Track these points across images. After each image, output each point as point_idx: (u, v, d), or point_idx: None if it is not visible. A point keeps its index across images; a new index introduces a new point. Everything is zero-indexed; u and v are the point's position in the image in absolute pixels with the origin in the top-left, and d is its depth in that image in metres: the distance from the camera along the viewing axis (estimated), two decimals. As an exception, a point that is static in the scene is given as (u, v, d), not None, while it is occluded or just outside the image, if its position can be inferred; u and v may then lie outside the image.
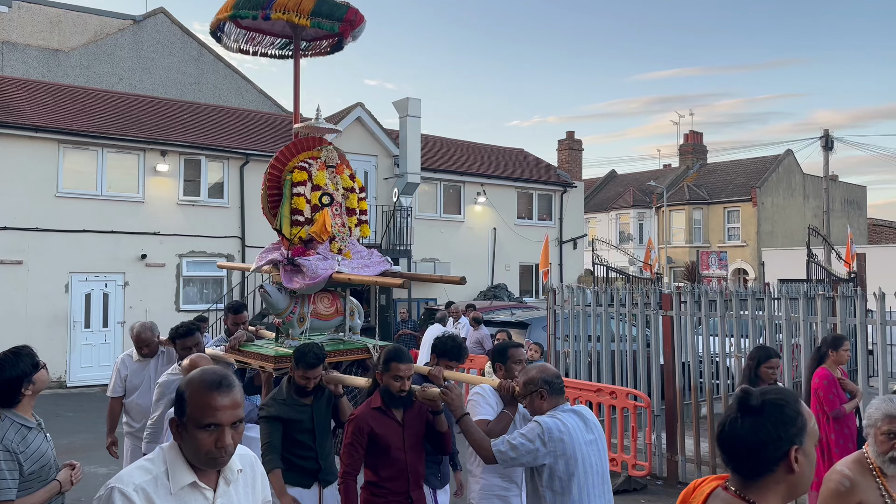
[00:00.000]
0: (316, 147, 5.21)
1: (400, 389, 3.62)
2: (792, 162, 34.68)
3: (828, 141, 26.03)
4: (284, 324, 4.83)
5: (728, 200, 33.26)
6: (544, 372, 3.45)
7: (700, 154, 38.90)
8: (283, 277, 4.81)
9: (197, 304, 16.32)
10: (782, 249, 28.82)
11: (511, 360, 4.05)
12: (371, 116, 18.61)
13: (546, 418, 3.28)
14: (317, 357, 4.06)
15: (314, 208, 4.96)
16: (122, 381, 5.29)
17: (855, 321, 6.57)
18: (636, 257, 31.52)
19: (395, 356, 3.69)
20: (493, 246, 21.36)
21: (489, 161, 23.01)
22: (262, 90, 25.27)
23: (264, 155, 17.00)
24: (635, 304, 8.39)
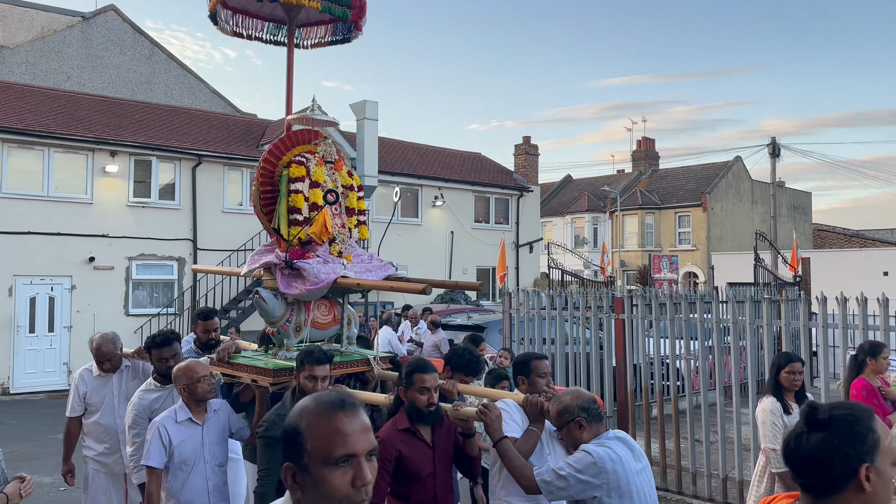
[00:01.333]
0: (313, 141, 4.76)
1: (428, 403, 3.29)
2: (741, 168, 35.66)
3: (775, 148, 26.85)
4: (279, 333, 4.36)
5: (679, 206, 34.02)
6: (579, 398, 3.14)
7: (652, 160, 39.71)
8: (281, 282, 4.34)
9: (147, 309, 15.97)
10: (731, 253, 29.60)
11: (535, 374, 3.73)
12: (328, 119, 18.48)
13: (596, 447, 2.99)
14: (323, 353, 3.70)
15: (312, 207, 4.50)
16: (81, 399, 4.82)
17: (799, 324, 6.79)
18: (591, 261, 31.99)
19: (418, 367, 3.38)
20: (450, 249, 21.42)
21: (447, 165, 23.08)
22: (216, 90, 24.87)
23: (217, 156, 16.74)
24: (588, 308, 8.52)
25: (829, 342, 6.59)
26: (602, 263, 25.24)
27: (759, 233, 20.08)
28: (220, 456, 3.95)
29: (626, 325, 8.08)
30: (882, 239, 36.09)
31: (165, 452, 3.73)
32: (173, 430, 3.77)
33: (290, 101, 5.15)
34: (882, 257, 25.48)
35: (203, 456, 3.84)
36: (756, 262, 16.40)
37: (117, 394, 4.82)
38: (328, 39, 5.61)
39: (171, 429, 3.76)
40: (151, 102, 19.97)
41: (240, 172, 17.35)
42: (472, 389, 4.13)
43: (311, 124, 4.84)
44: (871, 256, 25.93)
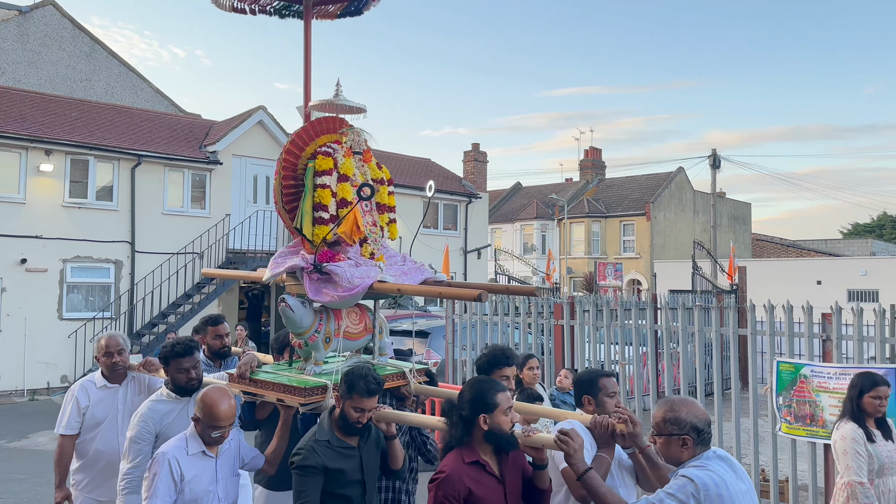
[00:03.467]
0: (339, 129, 4.20)
1: (513, 423, 2.91)
2: (683, 179, 36.61)
3: (716, 160, 27.68)
4: (307, 345, 3.84)
5: (624, 214, 34.73)
6: (696, 415, 2.78)
7: (599, 169, 40.45)
8: (309, 288, 3.80)
9: (82, 312, 15.44)
10: (673, 262, 30.34)
11: (604, 393, 3.37)
12: (274, 120, 18.25)
13: (697, 472, 2.66)
14: (377, 382, 3.24)
15: (341, 203, 3.96)
16: (81, 414, 4.20)
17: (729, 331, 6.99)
18: (538, 268, 32.36)
19: (493, 387, 2.95)
20: (397, 255, 21.34)
21: (396, 170, 23.02)
22: (159, 89, 24.29)
23: (158, 156, 16.33)
24: (530, 314, 8.62)
25: (757, 348, 6.80)
26: (548, 270, 25.55)
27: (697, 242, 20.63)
28: (232, 494, 3.51)
29: (564, 331, 8.19)
30: (816, 249, 37.52)
31: (175, 490, 3.22)
32: (185, 463, 3.26)
33: (309, 82, 4.57)
34: (816, 267, 26.50)
35: (216, 494, 3.37)
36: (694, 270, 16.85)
37: (122, 408, 4.27)
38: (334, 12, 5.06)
39: (182, 462, 3.25)
40: (90, 100, 19.37)
41: (181, 173, 16.97)
42: (531, 409, 3.76)
43: (336, 111, 4.28)
44: (806, 266, 26.93)
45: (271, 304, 19.23)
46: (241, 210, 17.61)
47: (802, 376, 6.01)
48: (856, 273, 24.51)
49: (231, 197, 17.62)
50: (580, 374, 3.68)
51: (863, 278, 24.19)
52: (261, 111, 18.06)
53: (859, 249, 37.92)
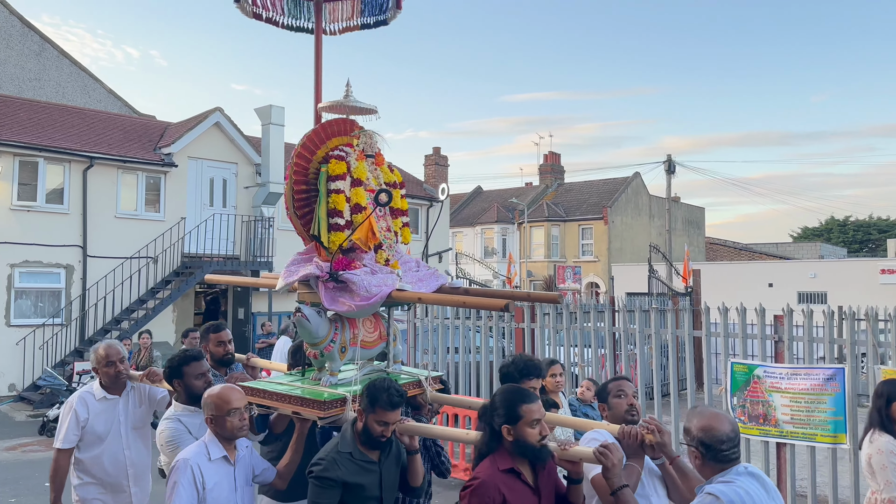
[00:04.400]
0: (350, 132, 4.07)
1: (542, 436, 2.78)
2: (639, 184, 37.25)
3: (670, 165, 28.24)
4: (322, 355, 3.72)
5: (582, 218, 35.18)
6: (703, 430, 2.69)
7: (558, 174, 40.90)
8: (325, 297, 3.68)
9: (31, 319, 14.96)
10: (630, 265, 30.84)
11: (611, 395, 3.30)
12: (231, 122, 17.98)
13: (723, 487, 2.57)
14: (400, 394, 3.17)
15: (355, 208, 3.83)
16: (80, 427, 4.01)
17: (684, 333, 7.13)
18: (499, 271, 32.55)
19: (520, 397, 2.84)
20: (357, 259, 21.23)
21: (355, 173, 22.89)
22: (112, 90, 23.72)
23: (111, 158, 15.94)
24: (490, 317, 8.66)
25: (712, 350, 6.96)
26: (509, 273, 25.73)
27: (653, 245, 21.01)
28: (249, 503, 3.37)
29: (525, 334, 8.25)
30: (768, 252, 38.56)
31: (197, 500, 3.04)
32: (207, 470, 3.10)
33: (319, 88, 4.45)
34: (768, 269, 27.23)
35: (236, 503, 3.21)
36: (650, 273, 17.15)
37: (124, 420, 4.11)
38: (358, 23, 4.82)
39: (205, 470, 3.09)
40: (40, 100, 18.82)
41: (135, 176, 16.59)
42: (555, 418, 3.60)
43: (346, 112, 4.14)
44: (758, 269, 27.66)
45: (228, 309, 18.92)
46: (197, 213, 17.29)
47: (756, 377, 6.17)
48: (805, 276, 25.26)
49: (187, 200, 17.29)
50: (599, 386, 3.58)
51: (812, 281, 24.95)
52: (217, 113, 17.79)
53: (808, 253, 39.12)
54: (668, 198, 29.10)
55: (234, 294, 18.62)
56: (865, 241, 49.53)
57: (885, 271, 23.95)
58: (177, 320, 17.21)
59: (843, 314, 6.24)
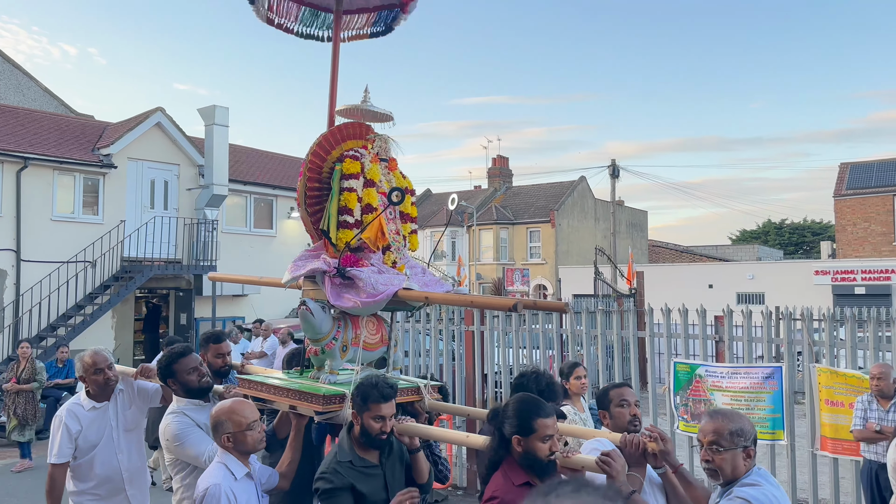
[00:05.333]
0: (366, 135, 4.16)
1: (551, 452, 2.76)
2: (585, 187, 37.89)
3: (615, 169, 28.81)
4: (323, 352, 3.70)
5: (530, 221, 35.58)
6: (752, 425, 2.68)
7: (506, 177, 41.26)
8: (330, 293, 3.67)
9: (-42, 326, 14.26)
10: (576, 267, 31.32)
11: (614, 403, 3.24)
12: (173, 122, 17.53)
13: (753, 491, 2.53)
14: (390, 386, 3.14)
15: (366, 209, 3.88)
16: (73, 440, 3.92)
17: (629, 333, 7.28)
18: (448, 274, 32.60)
19: (535, 410, 2.78)
20: (305, 262, 20.97)
21: (302, 176, 22.62)
22: (48, 89, 22.87)
23: (46, 159, 15.35)
24: (440, 320, 8.67)
25: (655, 350, 7.12)
26: (458, 276, 25.79)
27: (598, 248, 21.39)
28: None
29: (475, 336, 8.28)
30: (708, 255, 39.70)
31: None
32: (238, 491, 2.99)
33: (335, 94, 4.50)
34: (708, 271, 28.02)
35: None
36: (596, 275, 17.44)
37: (116, 425, 4.05)
38: (368, 31, 4.88)
39: (237, 492, 2.98)
40: (-32, 97, 17.99)
41: (72, 177, 16.01)
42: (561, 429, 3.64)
43: (363, 117, 4.21)
44: (699, 270, 28.43)
45: (170, 314, 18.43)
46: (138, 216, 16.79)
47: (698, 376, 6.33)
48: (744, 277, 26.09)
49: (126, 202, 16.77)
50: (598, 390, 3.50)
51: (750, 282, 25.79)
52: (159, 113, 17.32)
53: (747, 255, 40.44)
54: (612, 201, 29.69)
55: (175, 299, 18.15)
56: (800, 243, 51.49)
57: (818, 272, 24.94)
58: (116, 326, 16.67)
59: (780, 314, 6.46)
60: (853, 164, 29.44)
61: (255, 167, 21.17)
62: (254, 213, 20.02)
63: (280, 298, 19.62)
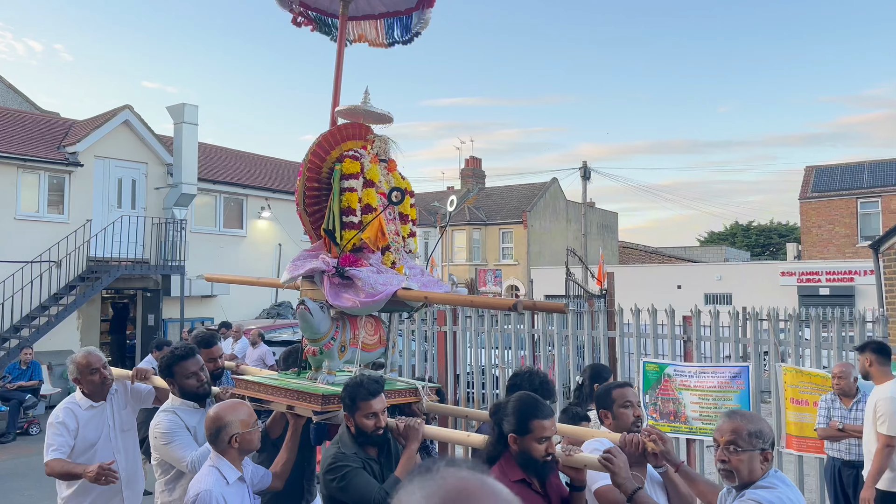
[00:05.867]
0: (365, 136, 4.18)
1: (547, 453, 2.72)
2: (557, 189, 38.14)
3: (586, 171, 29.06)
4: (321, 353, 3.66)
5: (503, 222, 35.73)
6: (770, 427, 2.63)
7: (479, 178, 41.36)
8: (329, 292, 3.65)
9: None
10: (548, 268, 31.53)
11: (617, 404, 3.21)
12: (141, 120, 17.25)
13: (767, 494, 2.48)
14: (375, 381, 3.16)
15: (365, 209, 3.87)
16: (72, 437, 3.88)
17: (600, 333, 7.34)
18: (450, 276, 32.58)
19: (533, 410, 2.75)
20: (277, 262, 20.79)
21: (275, 174, 22.45)
22: (12, 84, 22.37)
23: (10, 157, 14.99)
24: (413, 320, 8.65)
25: (625, 349, 7.19)
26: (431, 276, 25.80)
27: (569, 249, 21.55)
28: None
29: (447, 337, 8.28)
30: (677, 256, 40.23)
31: None
32: (230, 496, 2.95)
33: (338, 95, 4.51)
34: (676, 272, 28.39)
35: None
36: (567, 276, 17.57)
37: (113, 424, 4.03)
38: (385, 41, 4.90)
39: (227, 496, 2.93)
40: (-72, 92, 17.51)
41: (37, 175, 15.66)
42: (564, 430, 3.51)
43: (363, 118, 4.21)
44: (668, 271, 28.81)
45: (138, 315, 18.13)
46: (104, 215, 16.49)
47: (666, 375, 6.41)
48: (712, 278, 26.49)
49: (93, 201, 16.46)
50: (598, 389, 3.48)
51: (718, 283, 26.19)
52: (127, 110, 17.03)
53: (714, 256, 41.06)
54: (583, 203, 29.95)
55: (143, 300, 17.86)
56: (767, 245, 52.43)
57: (784, 273, 25.43)
58: (82, 328, 16.35)
59: (746, 315, 6.57)
60: (818, 168, 30.08)
61: (224, 166, 20.93)
62: (223, 213, 19.79)
63: (250, 300, 19.44)
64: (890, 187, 26.85)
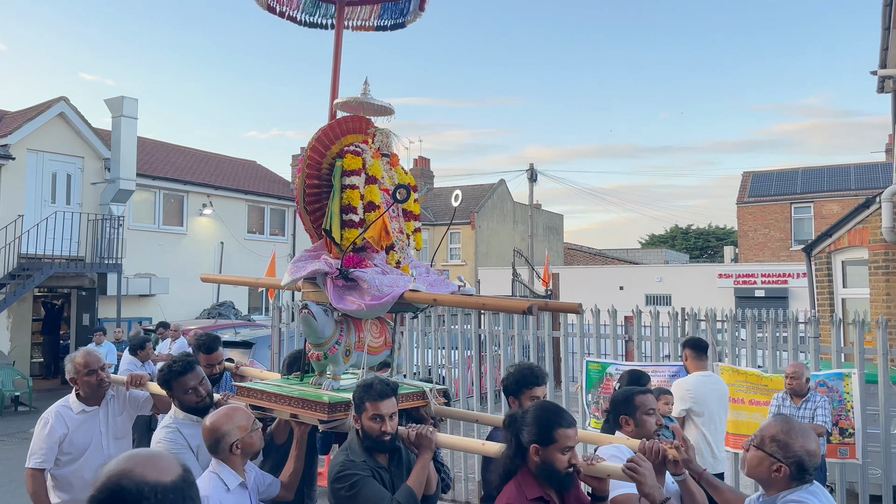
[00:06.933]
0: (366, 129, 3.97)
1: (570, 464, 2.60)
2: (504, 191, 38.47)
3: (533, 174, 29.41)
4: (326, 358, 3.51)
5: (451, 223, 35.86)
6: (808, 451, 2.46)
7: (428, 179, 41.37)
8: (333, 295, 3.48)
9: None
10: (495, 268, 31.74)
11: (641, 411, 3.11)
12: (77, 113, 16.64)
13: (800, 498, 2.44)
14: (386, 383, 3.02)
15: (368, 206, 3.69)
16: (58, 444, 3.70)
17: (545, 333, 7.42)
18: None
19: (556, 419, 2.62)
20: (219, 261, 20.35)
21: (218, 171, 21.98)
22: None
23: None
24: (358, 321, 8.58)
25: (569, 349, 7.28)
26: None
27: (516, 250, 21.76)
28: None
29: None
30: (619, 258, 41.05)
31: None
32: (231, 502, 2.87)
33: (336, 86, 4.31)
34: (619, 273, 28.97)
35: None
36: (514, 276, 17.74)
37: (106, 431, 3.85)
38: (374, 24, 4.65)
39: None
40: None
41: (-37, 168, 14.93)
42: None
43: (363, 110, 4.00)
44: (611, 273, 29.37)
45: (71, 315, 17.47)
46: (37, 211, 15.83)
47: (608, 374, 6.52)
48: (652, 279, 27.13)
49: (25, 196, 15.78)
50: (615, 393, 3.38)
51: (658, 284, 26.84)
52: (62, 103, 16.39)
53: (655, 258, 42.06)
54: (530, 205, 30.30)
55: (78, 299, 17.23)
56: (705, 247, 53.98)
57: (722, 276, 26.23)
58: (12, 327, 15.67)
59: (685, 315, 6.74)
60: (755, 174, 31.15)
61: (165, 161, 20.38)
62: (163, 210, 19.26)
63: (190, 299, 18.98)
64: (822, 193, 28.02)
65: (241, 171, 23.22)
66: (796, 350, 6.34)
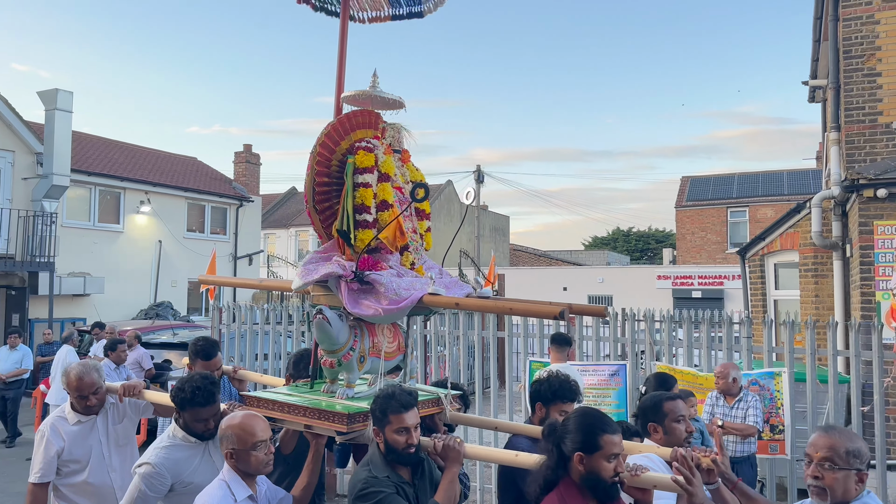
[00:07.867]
0: (378, 124, 3.76)
1: (616, 473, 2.50)
2: (452, 192, 38.62)
3: (480, 175, 29.60)
4: (340, 364, 3.31)
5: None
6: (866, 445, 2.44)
7: (374, 178, 41.22)
8: (347, 299, 3.29)
9: None
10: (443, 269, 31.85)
11: (670, 418, 2.98)
12: (8, 105, 15.94)
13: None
14: (409, 393, 2.89)
15: (381, 205, 3.50)
16: (56, 458, 3.60)
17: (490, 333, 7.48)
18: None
19: (600, 425, 2.53)
20: (157, 260, 19.79)
21: (157, 167, 21.38)
22: None
23: None
24: (303, 322, 8.46)
25: (513, 349, 7.36)
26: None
27: (463, 251, 21.87)
28: None
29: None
30: (563, 259, 41.70)
31: None
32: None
33: (342, 78, 4.04)
34: (563, 274, 29.44)
35: None
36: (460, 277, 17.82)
37: (105, 441, 3.72)
38: (389, 13, 4.38)
39: None
40: None
41: None
42: None
43: (372, 104, 3.80)
44: (555, 274, 29.81)
45: (1, 315, 16.70)
46: (-37, 206, 15.11)
47: (551, 374, 6.61)
48: (594, 280, 27.66)
49: (-51, 190, 15.04)
50: (643, 399, 3.27)
51: (600, 285, 27.38)
52: (-9, 93, 15.68)
53: (597, 260, 42.88)
54: (477, 206, 30.47)
55: (7, 298, 16.50)
56: (645, 249, 55.31)
57: (660, 277, 26.94)
58: (-68, 328, 14.90)
59: (625, 315, 6.89)
60: (693, 178, 32.08)
61: (101, 157, 19.71)
62: (98, 207, 18.63)
63: (126, 300, 18.42)
64: (757, 198, 29.08)
65: (182, 168, 22.64)
66: (730, 350, 6.55)
